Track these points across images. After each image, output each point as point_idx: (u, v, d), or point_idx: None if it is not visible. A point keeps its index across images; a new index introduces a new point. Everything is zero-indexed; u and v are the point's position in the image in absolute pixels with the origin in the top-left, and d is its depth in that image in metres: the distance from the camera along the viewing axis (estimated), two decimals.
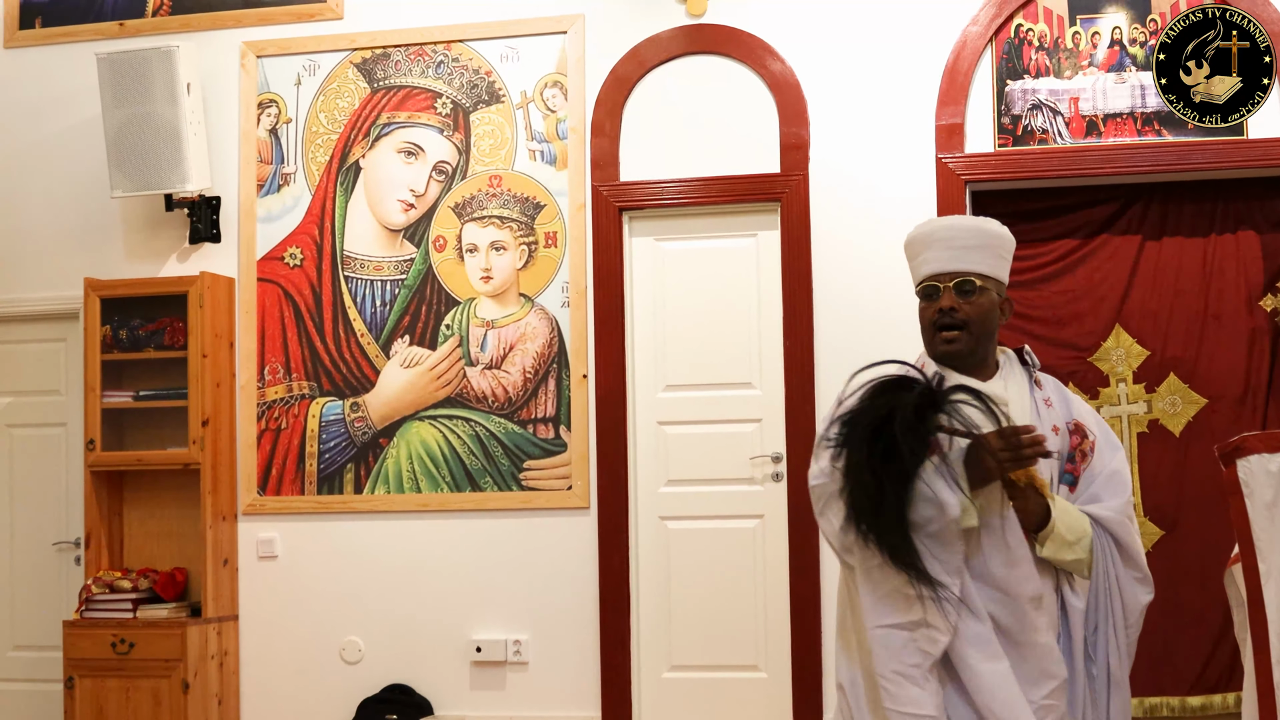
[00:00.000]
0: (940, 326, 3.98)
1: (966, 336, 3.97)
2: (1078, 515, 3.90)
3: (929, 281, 4.03)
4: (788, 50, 7.64)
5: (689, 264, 7.75)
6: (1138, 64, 7.34)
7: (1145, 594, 3.98)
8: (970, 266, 4.00)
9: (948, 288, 3.99)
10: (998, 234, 4.10)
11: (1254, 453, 4.69)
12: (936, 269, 4.01)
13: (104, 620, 7.74)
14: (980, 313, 3.99)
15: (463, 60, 7.96)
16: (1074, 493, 3.97)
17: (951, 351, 3.98)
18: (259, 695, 8.01)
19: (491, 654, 7.74)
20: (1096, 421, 4.10)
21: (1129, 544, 3.93)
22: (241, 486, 8.03)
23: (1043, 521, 3.84)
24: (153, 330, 7.97)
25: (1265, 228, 7.39)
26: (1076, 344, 7.51)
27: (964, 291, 3.98)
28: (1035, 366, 4.11)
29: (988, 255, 4.04)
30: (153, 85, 7.85)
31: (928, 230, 4.09)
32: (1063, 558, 3.86)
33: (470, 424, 7.81)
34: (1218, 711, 7.29)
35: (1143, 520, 7.40)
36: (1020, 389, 4.04)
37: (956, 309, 3.96)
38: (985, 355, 4.03)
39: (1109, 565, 3.91)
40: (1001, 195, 7.55)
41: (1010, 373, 4.07)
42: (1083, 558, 3.88)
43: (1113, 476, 4.00)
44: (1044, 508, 3.84)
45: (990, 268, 4.04)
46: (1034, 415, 3.97)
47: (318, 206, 8.05)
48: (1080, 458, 4.00)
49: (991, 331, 4.04)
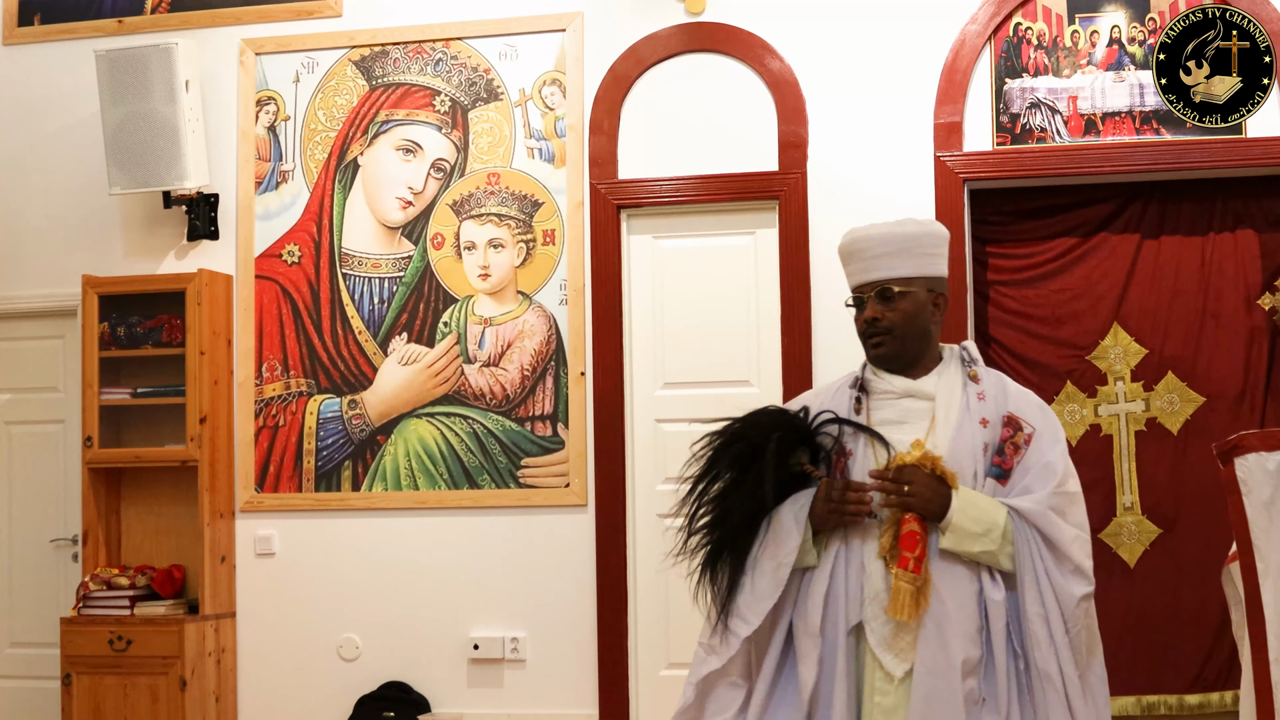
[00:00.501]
0: (868, 335, 4.14)
1: (892, 340, 4.11)
2: (989, 507, 3.92)
3: (855, 293, 4.19)
4: (786, 48, 7.64)
5: (687, 262, 7.75)
6: (1136, 63, 7.34)
7: (1080, 586, 3.94)
8: (887, 274, 4.12)
9: (870, 298, 4.13)
10: (916, 234, 4.18)
11: (1252, 451, 4.70)
12: (858, 280, 4.18)
13: (101, 617, 7.74)
14: (904, 317, 4.10)
15: (461, 58, 7.95)
16: (1005, 485, 3.99)
17: (880, 355, 4.14)
18: (256, 692, 8.01)
19: (489, 651, 7.74)
20: (1042, 416, 4.12)
21: (1054, 536, 3.92)
22: (239, 484, 8.03)
23: (941, 511, 3.88)
24: (151, 327, 7.97)
25: (1264, 226, 7.39)
26: (1075, 342, 7.51)
27: (885, 299, 4.11)
28: (973, 362, 4.16)
29: (907, 258, 4.14)
30: (151, 82, 7.85)
31: (848, 243, 4.24)
32: (968, 549, 3.88)
33: (468, 421, 7.81)
34: (1215, 710, 7.30)
35: (1140, 519, 7.40)
36: (952, 384, 4.11)
37: (880, 317, 4.10)
38: (918, 354, 4.14)
39: (1034, 558, 3.91)
40: (1000, 194, 7.55)
41: (946, 369, 4.15)
42: (993, 549, 3.89)
43: (1045, 468, 4.01)
44: (944, 499, 3.88)
45: (913, 269, 4.14)
46: (962, 409, 4.04)
47: (316, 204, 8.05)
48: (1012, 450, 4.02)
49: (921, 331, 4.14)
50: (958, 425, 4.01)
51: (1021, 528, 3.90)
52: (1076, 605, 3.93)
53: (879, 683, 3.91)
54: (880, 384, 4.13)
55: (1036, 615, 3.89)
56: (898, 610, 3.82)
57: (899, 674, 3.89)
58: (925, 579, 3.85)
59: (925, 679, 3.84)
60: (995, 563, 3.91)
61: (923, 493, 3.87)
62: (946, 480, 3.89)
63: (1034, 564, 3.90)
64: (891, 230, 4.16)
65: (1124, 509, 7.42)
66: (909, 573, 3.83)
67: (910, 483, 3.87)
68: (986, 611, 3.90)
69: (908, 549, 3.85)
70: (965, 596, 3.89)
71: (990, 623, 3.89)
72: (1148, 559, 7.41)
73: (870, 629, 3.92)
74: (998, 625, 3.89)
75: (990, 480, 3.98)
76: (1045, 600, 3.90)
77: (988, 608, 3.89)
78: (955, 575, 3.89)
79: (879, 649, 3.91)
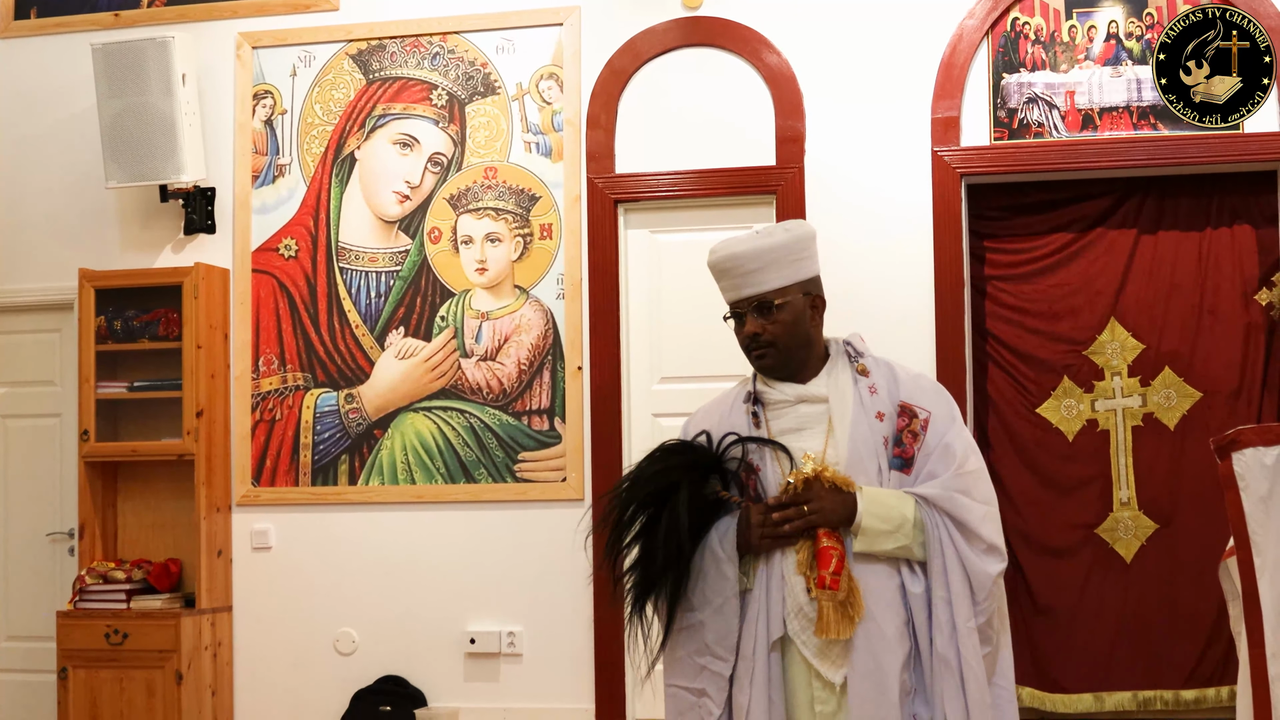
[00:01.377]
0: (750, 349, 4.10)
1: (775, 352, 4.07)
2: (895, 503, 3.91)
3: (732, 309, 4.14)
4: (784, 43, 7.64)
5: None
6: (1134, 58, 7.34)
7: (994, 564, 3.94)
8: (761, 288, 4.07)
9: (748, 313, 4.09)
10: (785, 243, 4.11)
11: (1249, 446, 4.70)
12: (733, 297, 4.12)
13: (98, 611, 7.74)
14: (784, 328, 4.07)
15: (458, 52, 7.95)
16: (909, 474, 3.98)
17: (765, 366, 4.12)
18: (253, 686, 8.01)
19: (485, 645, 7.74)
20: (935, 397, 4.10)
21: (963, 518, 3.91)
22: (236, 478, 8.03)
23: (849, 517, 3.87)
24: (147, 321, 7.97)
25: (1261, 222, 7.39)
26: (1072, 337, 7.51)
27: (763, 313, 4.07)
28: (859, 356, 4.13)
29: (778, 269, 4.08)
30: (148, 76, 7.84)
31: (716, 261, 4.16)
32: (882, 548, 3.88)
33: (465, 415, 7.81)
34: (1211, 705, 7.30)
35: (1137, 514, 7.41)
36: (843, 383, 4.08)
37: (760, 331, 4.06)
38: (803, 360, 4.11)
39: (945, 543, 3.90)
40: (997, 189, 7.55)
41: (834, 368, 4.12)
42: (906, 543, 3.89)
43: (945, 451, 3.99)
44: (849, 505, 3.87)
45: (786, 278, 4.09)
46: (856, 406, 4.01)
47: (313, 198, 8.05)
48: (910, 438, 4.01)
49: (804, 338, 4.10)
50: (853, 424, 3.99)
51: (930, 514, 3.90)
52: (993, 583, 3.94)
53: (819, 691, 3.91)
54: (773, 394, 4.10)
55: (940, 600, 3.88)
56: (825, 630, 3.83)
57: (838, 681, 3.89)
58: (849, 589, 3.85)
59: (861, 682, 3.85)
60: (911, 555, 3.90)
61: (825, 506, 3.86)
62: (842, 487, 3.89)
63: (943, 549, 3.90)
64: (758, 244, 4.08)
65: (1121, 504, 7.43)
66: (828, 590, 3.83)
67: (809, 500, 3.87)
68: (909, 605, 3.90)
69: (823, 566, 3.84)
70: (889, 594, 3.89)
71: (914, 615, 3.89)
72: (1144, 554, 7.42)
73: (801, 641, 3.91)
74: (920, 617, 3.89)
75: (894, 472, 3.97)
76: (952, 584, 3.89)
77: (910, 601, 3.89)
78: (876, 574, 3.89)
79: (815, 659, 3.90)
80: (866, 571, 3.88)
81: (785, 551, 3.92)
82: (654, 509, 4.03)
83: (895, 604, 3.89)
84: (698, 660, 4.01)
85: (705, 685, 4.00)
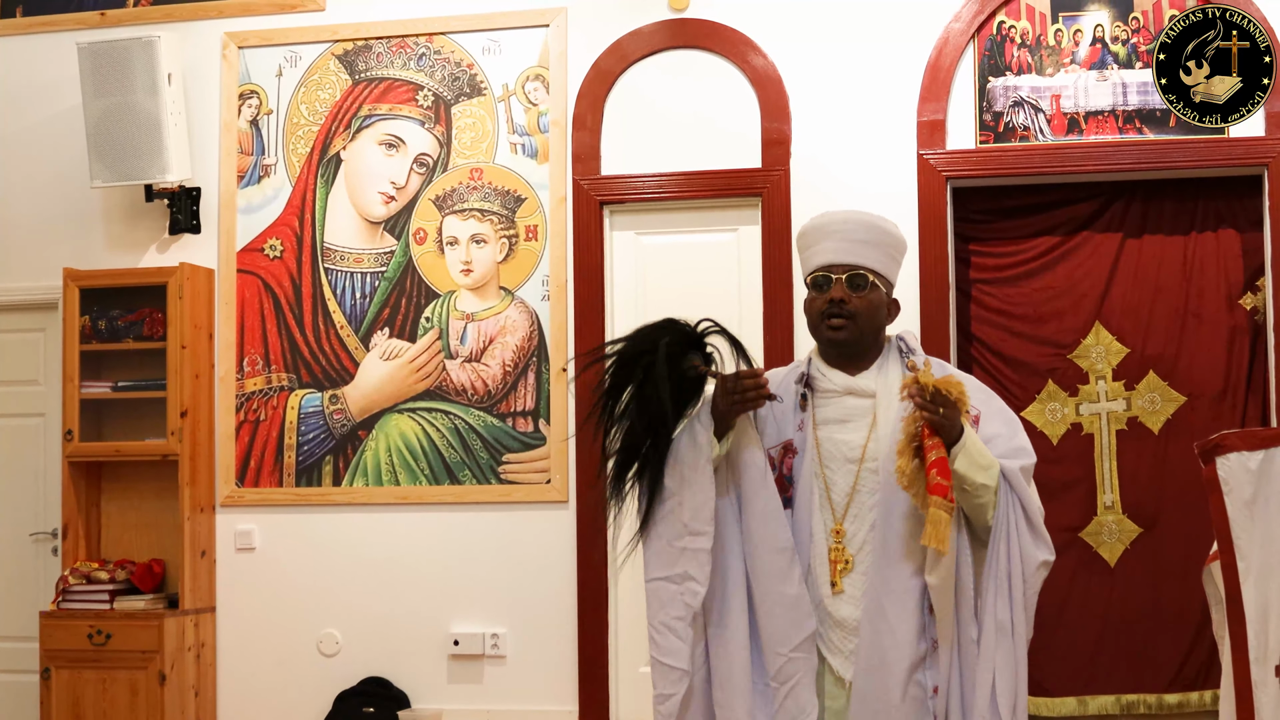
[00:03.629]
0: (829, 315, 4.07)
1: (853, 326, 4.06)
2: (986, 450, 3.93)
3: (821, 272, 4.10)
4: (770, 45, 7.64)
5: (670, 258, 7.75)
6: (1119, 62, 7.35)
7: (1044, 552, 4.00)
8: (864, 261, 4.08)
9: (839, 279, 4.07)
10: (893, 234, 4.16)
11: (1233, 450, 4.72)
12: (830, 259, 4.09)
13: (81, 611, 7.72)
14: (869, 307, 4.07)
15: (444, 53, 7.94)
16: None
17: (837, 339, 4.08)
18: (236, 687, 8.00)
19: (469, 647, 7.74)
20: (987, 398, 4.13)
21: (1029, 502, 3.97)
22: (220, 478, 8.02)
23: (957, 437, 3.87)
24: (132, 321, 7.96)
25: (1246, 226, 7.40)
26: (1056, 341, 7.52)
27: (855, 285, 4.06)
28: (910, 353, 4.14)
29: (881, 253, 4.12)
30: (134, 75, 7.83)
31: (824, 221, 4.16)
32: (974, 478, 3.87)
33: (449, 417, 7.80)
34: (1195, 709, 7.31)
35: (1121, 518, 7.42)
36: (892, 379, 4.09)
37: (846, 300, 4.05)
38: (867, 349, 4.12)
39: (1009, 513, 3.93)
40: (983, 192, 7.55)
41: (885, 362, 4.13)
42: (990, 484, 3.89)
43: (1016, 449, 4.03)
44: (961, 426, 3.87)
45: (883, 266, 4.12)
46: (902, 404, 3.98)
47: (298, 198, 8.04)
48: None
49: (878, 328, 4.12)
50: (897, 420, 3.99)
51: (1004, 487, 3.93)
52: (1037, 570, 4.00)
53: (829, 686, 3.94)
54: (823, 381, 4.11)
55: (1005, 571, 3.92)
56: (934, 539, 3.78)
57: (849, 677, 3.90)
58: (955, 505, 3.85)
59: (863, 679, 3.86)
60: (983, 513, 3.92)
61: (953, 415, 3.85)
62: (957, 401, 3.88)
63: (1009, 520, 3.93)
64: (875, 221, 4.13)
65: (1105, 508, 7.43)
66: (947, 500, 3.80)
67: (945, 405, 3.83)
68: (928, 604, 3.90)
69: (944, 475, 3.81)
70: (910, 596, 3.89)
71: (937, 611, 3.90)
72: (1128, 558, 7.42)
73: (819, 635, 3.94)
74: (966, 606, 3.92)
75: None
76: (1012, 557, 3.93)
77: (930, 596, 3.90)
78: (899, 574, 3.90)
79: (829, 654, 3.94)
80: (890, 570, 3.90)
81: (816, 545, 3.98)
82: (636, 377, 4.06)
83: (913, 607, 3.89)
84: (676, 544, 4.01)
85: (686, 567, 4.00)
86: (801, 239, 4.21)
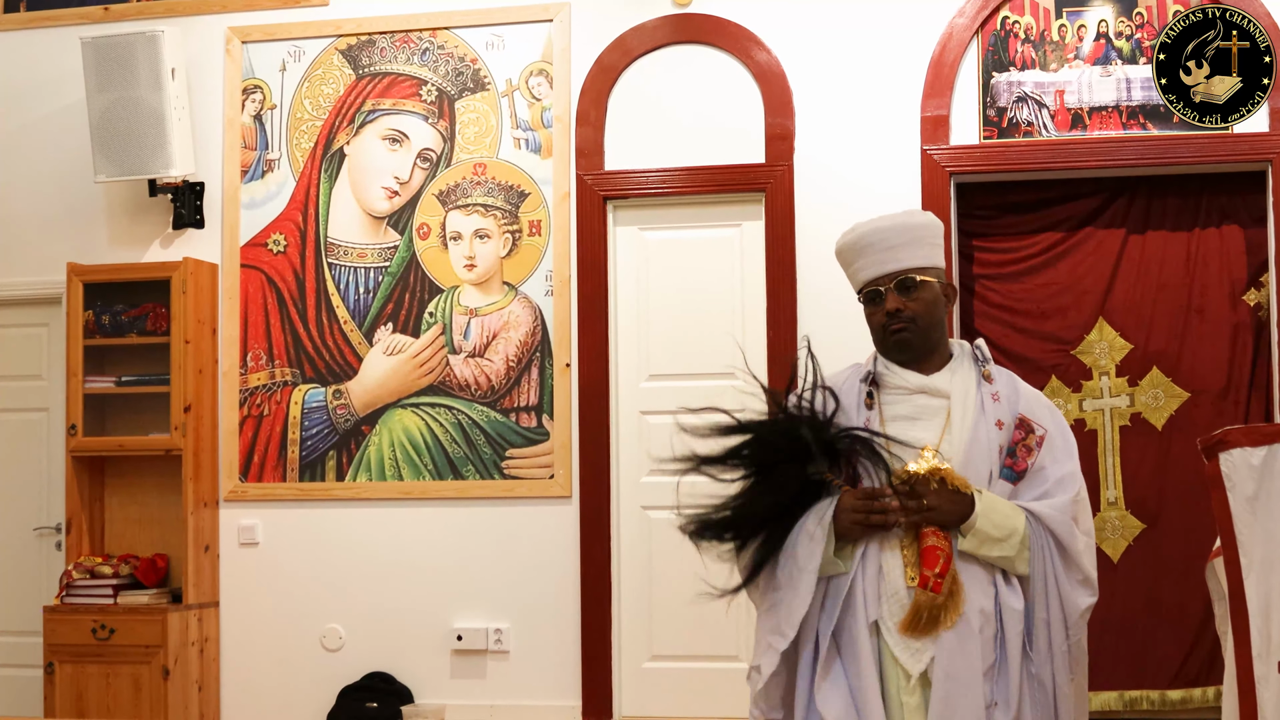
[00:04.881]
0: (890, 326, 4.04)
1: (915, 328, 4.02)
2: (1009, 512, 3.89)
3: (870, 287, 4.08)
4: (774, 40, 7.64)
5: (673, 254, 7.75)
6: (1123, 57, 7.34)
7: (1086, 597, 3.95)
8: (905, 264, 4.05)
9: (889, 289, 4.04)
10: (924, 223, 4.13)
11: (1236, 446, 4.69)
12: (875, 273, 4.07)
13: (85, 606, 7.72)
14: (925, 305, 4.04)
15: (448, 48, 7.94)
16: (1016, 487, 3.97)
17: (903, 340, 4.04)
18: (239, 682, 8.00)
19: (472, 642, 7.74)
20: (1053, 419, 4.08)
21: (1069, 544, 3.91)
22: (223, 473, 8.02)
23: (963, 518, 3.84)
24: (135, 316, 7.96)
25: (1249, 222, 7.40)
26: (1060, 337, 7.52)
27: (905, 289, 4.03)
28: (985, 361, 4.11)
29: (920, 247, 4.09)
30: (137, 70, 7.83)
31: (856, 237, 4.13)
32: (988, 554, 3.85)
33: (453, 412, 7.80)
34: (1198, 705, 7.31)
35: (1124, 514, 7.42)
36: (967, 383, 4.05)
37: (902, 308, 4.02)
38: (934, 345, 4.08)
39: (1048, 564, 3.89)
40: (986, 187, 7.55)
41: (959, 366, 4.09)
42: (1010, 555, 3.86)
43: (1069, 477, 3.98)
44: (965, 506, 3.84)
45: (925, 259, 4.08)
46: (978, 409, 3.98)
47: (301, 193, 8.04)
48: (1024, 452, 3.99)
49: (938, 321, 4.08)
50: (974, 426, 3.97)
51: (1039, 533, 3.88)
52: (1080, 616, 3.94)
53: (900, 680, 3.90)
54: (893, 378, 4.06)
55: (1041, 621, 3.88)
56: (912, 628, 3.80)
57: (916, 672, 3.87)
58: (949, 592, 3.81)
59: (945, 683, 3.82)
60: (1011, 567, 3.89)
61: (942, 505, 3.83)
62: (961, 489, 3.84)
63: (1046, 571, 3.89)
64: (903, 221, 4.09)
65: (1108, 504, 7.43)
66: (928, 592, 3.79)
67: (925, 495, 3.82)
68: (1002, 617, 3.87)
69: (928, 565, 3.80)
70: (984, 600, 3.86)
71: (1005, 628, 3.87)
72: (1131, 554, 7.42)
73: (886, 628, 3.89)
74: (1013, 630, 3.87)
75: (1003, 482, 3.95)
76: (1051, 608, 3.89)
77: (1003, 614, 3.87)
78: (976, 580, 3.87)
79: (896, 648, 3.88)
80: (967, 576, 3.86)
81: (887, 544, 3.90)
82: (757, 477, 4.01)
83: (990, 612, 3.86)
84: (767, 639, 4.00)
85: (761, 662, 4.00)
86: (840, 257, 4.18)
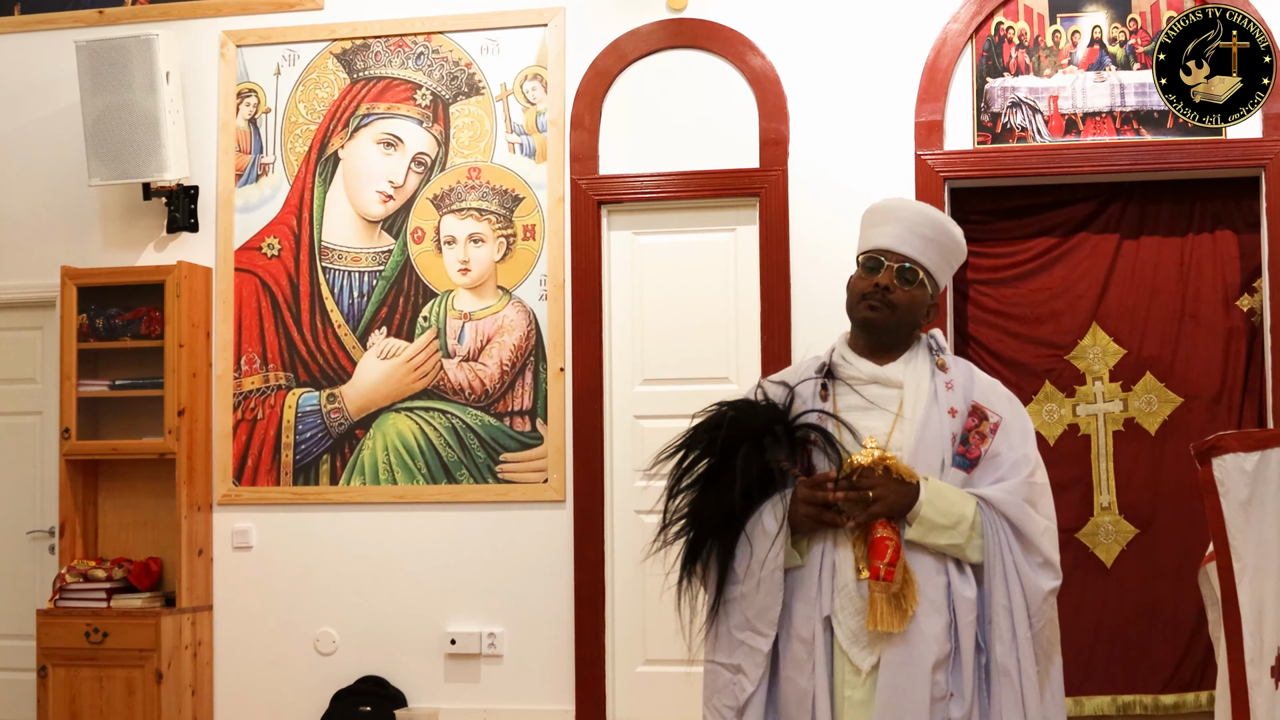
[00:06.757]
0: (869, 298, 4.02)
1: (891, 314, 4.02)
2: (957, 499, 3.88)
3: (875, 253, 4.06)
4: (768, 45, 7.65)
5: (667, 258, 7.75)
6: (1117, 63, 7.35)
7: (1049, 580, 3.94)
8: (919, 255, 4.05)
9: (891, 267, 4.03)
10: (956, 240, 4.14)
11: (1229, 452, 4.70)
12: (887, 244, 4.05)
13: (78, 609, 7.72)
14: (910, 301, 4.04)
15: (443, 52, 7.95)
16: (971, 475, 3.96)
17: (871, 318, 4.03)
18: (233, 686, 7.99)
19: (466, 646, 7.74)
20: (1009, 405, 4.08)
21: (1024, 526, 3.90)
22: (217, 477, 8.02)
23: (908, 507, 3.84)
24: (129, 319, 7.96)
25: (1243, 228, 7.41)
26: (1053, 342, 7.52)
27: (904, 277, 4.03)
28: (940, 350, 4.11)
29: (938, 253, 4.09)
30: (131, 74, 7.83)
31: (894, 205, 4.14)
32: (936, 542, 3.85)
33: (447, 416, 7.80)
34: (1190, 710, 7.31)
35: (1117, 519, 7.42)
36: (920, 372, 4.05)
37: (891, 290, 4.01)
38: (896, 342, 4.08)
39: (1003, 550, 3.88)
40: (980, 193, 7.55)
41: (914, 356, 4.09)
42: (960, 542, 3.86)
43: (1021, 460, 3.98)
44: (910, 495, 3.84)
45: (936, 266, 4.09)
46: (930, 397, 3.99)
47: (296, 197, 8.04)
48: (978, 439, 3.99)
49: (912, 323, 4.08)
50: (925, 414, 3.97)
51: (991, 519, 3.88)
52: (1044, 599, 3.93)
53: (848, 675, 3.88)
54: (848, 369, 4.06)
55: (1002, 608, 3.86)
56: (877, 621, 3.78)
57: (866, 668, 3.86)
58: (903, 581, 3.81)
59: (892, 673, 3.82)
60: (963, 555, 3.87)
61: (887, 496, 3.82)
62: (906, 477, 3.84)
63: (1003, 556, 3.88)
64: (943, 224, 4.10)
65: (1101, 509, 7.44)
66: (882, 581, 3.78)
67: (873, 488, 3.82)
68: (955, 606, 3.86)
69: (877, 556, 3.80)
70: (934, 591, 3.85)
71: (958, 617, 3.86)
72: (1124, 559, 7.43)
73: (837, 621, 3.87)
74: (966, 620, 3.86)
75: (956, 470, 3.95)
76: (1012, 593, 3.88)
77: (956, 603, 3.86)
78: (924, 570, 3.85)
79: (846, 643, 3.86)
80: (916, 566, 3.84)
81: (839, 539, 3.88)
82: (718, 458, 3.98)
83: (940, 603, 3.85)
84: (737, 635, 3.95)
85: (741, 661, 3.95)
86: (866, 215, 4.17)
